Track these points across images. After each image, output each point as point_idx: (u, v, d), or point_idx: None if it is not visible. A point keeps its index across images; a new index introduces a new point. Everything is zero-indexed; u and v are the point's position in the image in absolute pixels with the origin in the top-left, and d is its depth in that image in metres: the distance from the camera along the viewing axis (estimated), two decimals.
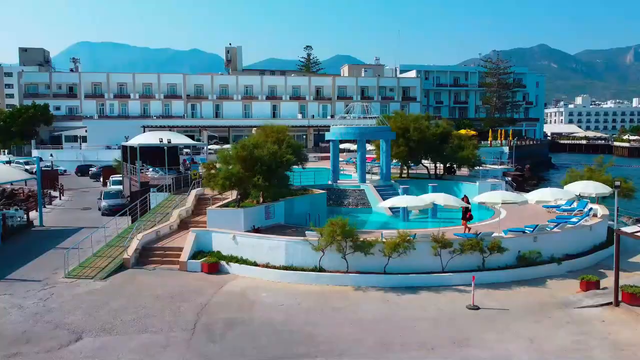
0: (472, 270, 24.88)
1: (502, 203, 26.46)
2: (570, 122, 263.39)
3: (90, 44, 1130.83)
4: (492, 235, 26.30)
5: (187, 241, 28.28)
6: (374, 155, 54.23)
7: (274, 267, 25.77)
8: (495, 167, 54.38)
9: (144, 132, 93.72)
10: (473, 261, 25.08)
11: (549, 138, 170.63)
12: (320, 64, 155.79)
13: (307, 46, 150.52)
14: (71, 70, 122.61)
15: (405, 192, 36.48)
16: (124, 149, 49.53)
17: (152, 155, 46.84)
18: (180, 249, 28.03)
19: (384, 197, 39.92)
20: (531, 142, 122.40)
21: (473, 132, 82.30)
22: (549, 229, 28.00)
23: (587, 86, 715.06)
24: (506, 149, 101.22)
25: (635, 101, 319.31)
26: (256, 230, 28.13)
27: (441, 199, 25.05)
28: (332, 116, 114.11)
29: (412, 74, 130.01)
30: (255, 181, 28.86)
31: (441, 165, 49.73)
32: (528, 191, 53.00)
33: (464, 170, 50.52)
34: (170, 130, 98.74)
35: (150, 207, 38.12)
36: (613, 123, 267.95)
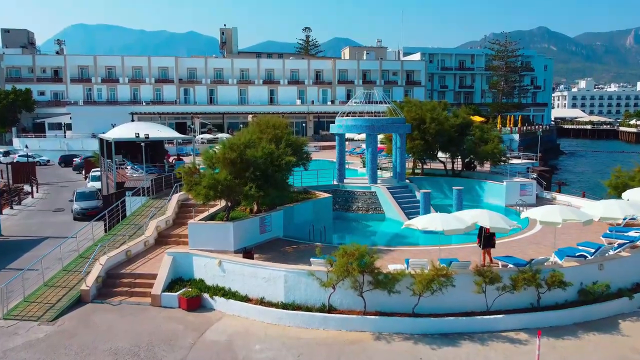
0: (524, 310, 19.40)
1: (562, 223, 20.71)
2: (574, 106, 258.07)
3: (85, 27, 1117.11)
4: (547, 262, 20.80)
5: (162, 266, 22.65)
6: (383, 146, 48.39)
7: (270, 305, 20.19)
8: (519, 161, 48.51)
9: (132, 119, 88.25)
10: (525, 298, 19.52)
11: (552, 123, 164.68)
12: (319, 47, 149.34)
13: (306, 28, 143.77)
14: (57, 52, 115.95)
15: (426, 197, 30.72)
16: (101, 142, 43.90)
17: (134, 148, 41.12)
18: (154, 276, 22.41)
19: (399, 201, 34.40)
20: (543, 128, 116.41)
21: (481, 119, 76.43)
22: (613, 251, 22.46)
23: (586, 69, 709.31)
24: (516, 137, 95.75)
25: (639, 85, 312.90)
26: (247, 254, 22.45)
27: (486, 218, 19.35)
28: (332, 102, 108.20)
29: (417, 56, 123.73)
30: (247, 191, 23.20)
31: (458, 159, 43.95)
32: (549, 186, 47.24)
33: (485, 165, 44.76)
34: (160, 117, 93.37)
35: (127, 214, 32.49)
36: (617, 107, 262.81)
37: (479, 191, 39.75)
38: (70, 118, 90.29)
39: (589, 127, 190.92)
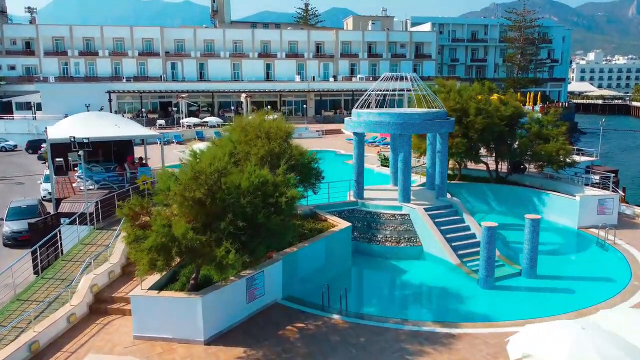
0: None
1: None
2: (582, 79, 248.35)
3: None
4: None
5: None
6: None
7: None
8: (577, 158, 38.66)
9: (110, 98, 78.46)
10: None
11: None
12: (319, 16, 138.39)
13: None
14: (30, 22, 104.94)
15: (490, 236, 20.81)
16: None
17: (95, 143, 31.21)
18: None
19: (442, 228, 24.77)
20: (562, 105, 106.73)
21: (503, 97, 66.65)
22: None
23: (587, 40, 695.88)
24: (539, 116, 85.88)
25: None
26: None
27: None
28: (334, 77, 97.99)
29: (427, 27, 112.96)
30: (222, 256, 13.72)
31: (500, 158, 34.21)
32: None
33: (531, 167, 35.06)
34: (141, 96, 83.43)
35: (63, 251, 23.06)
36: (627, 80, 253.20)
37: (538, 205, 30.26)
38: (40, 97, 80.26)
39: (599, 102, 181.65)
